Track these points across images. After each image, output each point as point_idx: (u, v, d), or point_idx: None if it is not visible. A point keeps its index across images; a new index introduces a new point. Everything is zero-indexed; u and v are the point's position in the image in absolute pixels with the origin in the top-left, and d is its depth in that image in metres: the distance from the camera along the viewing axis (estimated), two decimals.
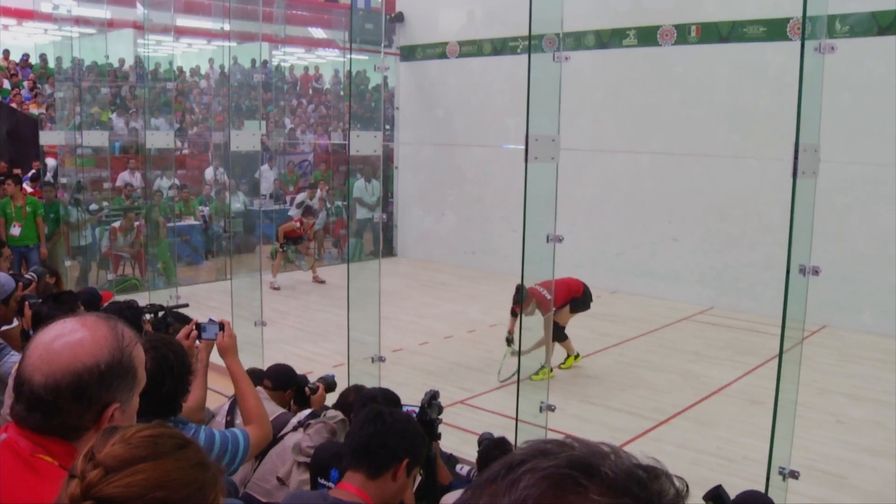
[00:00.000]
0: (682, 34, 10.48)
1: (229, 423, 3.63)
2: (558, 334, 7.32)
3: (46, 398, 1.43)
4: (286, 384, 4.11)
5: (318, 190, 13.69)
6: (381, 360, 5.68)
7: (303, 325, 9.24)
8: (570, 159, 4.74)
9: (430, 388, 3.49)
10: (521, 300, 6.04)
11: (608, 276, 11.24)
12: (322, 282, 11.74)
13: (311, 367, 7.28)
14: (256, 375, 4.26)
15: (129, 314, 3.37)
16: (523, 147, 4.18)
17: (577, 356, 7.69)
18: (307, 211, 12.15)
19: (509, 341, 7.40)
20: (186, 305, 3.84)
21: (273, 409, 3.85)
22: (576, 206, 10.90)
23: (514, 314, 7.34)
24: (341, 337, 6.06)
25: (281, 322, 9.08)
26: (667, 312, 9.97)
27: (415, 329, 9.09)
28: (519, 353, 5.49)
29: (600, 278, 11.31)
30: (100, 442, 1.20)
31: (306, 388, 4.18)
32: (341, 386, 4.81)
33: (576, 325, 9.21)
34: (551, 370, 7.29)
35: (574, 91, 10.39)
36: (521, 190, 4.32)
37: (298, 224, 11.91)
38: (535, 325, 6.53)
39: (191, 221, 12.89)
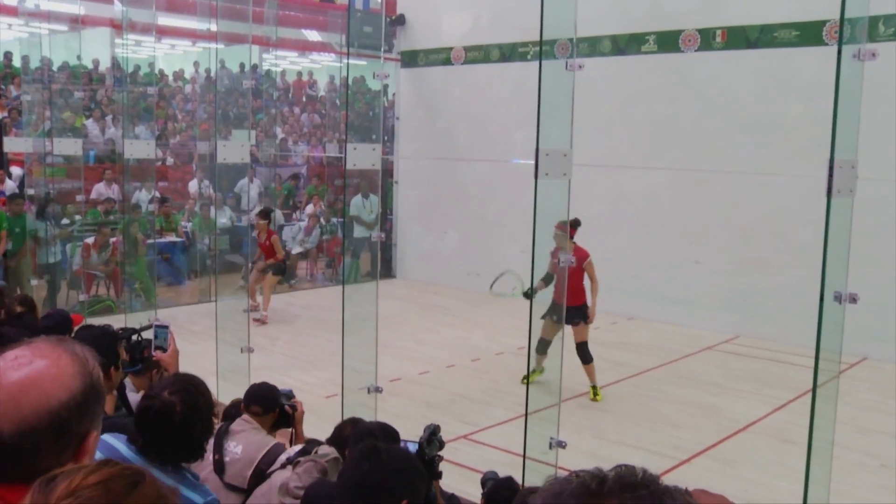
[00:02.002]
0: (706, 39, 10.54)
1: (218, 462, 3.61)
2: (540, 346, 7.29)
3: (22, 446, 1.36)
4: (274, 404, 4.10)
5: (311, 206, 13.76)
6: (378, 390, 5.66)
7: (293, 351, 9.22)
8: (580, 175, 4.75)
9: (430, 421, 3.47)
10: (532, 293, 5.95)
11: (623, 300, 11.22)
12: (262, 322, 10.51)
13: (301, 397, 7.23)
14: (234, 406, 4.23)
15: (105, 342, 3.30)
16: (533, 162, 4.18)
17: (541, 371, 7.57)
18: (263, 213, 11.15)
19: (528, 295, 6.76)
20: (149, 327, 3.81)
21: (263, 441, 3.83)
22: (587, 226, 10.87)
23: (546, 280, 6.68)
24: (335, 365, 6.05)
25: (269, 348, 9.06)
26: (687, 341, 9.94)
27: (414, 357, 9.07)
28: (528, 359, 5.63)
29: (615, 303, 11.29)
30: (39, 496, 1.12)
31: (286, 407, 4.16)
32: (335, 418, 4.78)
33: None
34: (596, 393, 7.60)
35: (586, 101, 10.44)
36: (529, 207, 4.32)
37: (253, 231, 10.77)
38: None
39: (172, 238, 12.93)
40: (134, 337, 3.94)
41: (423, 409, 7.25)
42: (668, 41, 10.84)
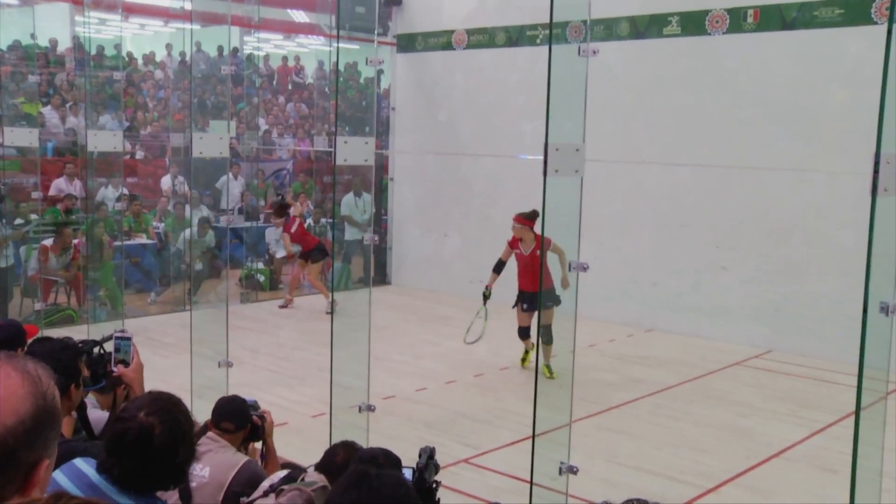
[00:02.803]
0: (737, 20, 10.54)
1: (183, 491, 3.58)
2: (521, 333, 8.35)
3: None
4: (246, 419, 4.09)
5: (298, 205, 13.73)
6: (370, 409, 5.65)
7: (277, 366, 9.21)
8: (596, 172, 4.74)
9: (427, 443, 3.45)
10: (488, 293, 8.81)
11: (642, 310, 11.23)
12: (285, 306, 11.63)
13: (286, 416, 7.25)
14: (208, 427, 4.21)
15: (65, 356, 3.25)
16: (542, 157, 4.18)
17: (532, 348, 8.50)
18: (278, 210, 12.21)
19: (486, 297, 8.74)
20: (110, 338, 3.77)
21: (233, 459, 3.80)
22: (603, 228, 10.91)
23: (496, 270, 9.03)
24: (323, 381, 6.03)
25: (250, 362, 9.06)
26: (714, 355, 9.94)
27: (411, 372, 9.06)
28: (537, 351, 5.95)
29: (632, 313, 11.33)
30: None
31: (254, 417, 4.15)
32: (322, 440, 4.76)
33: (603, 369, 9.19)
34: (551, 372, 8.12)
35: (601, 90, 10.46)
36: (538, 207, 4.31)
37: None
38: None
39: (142, 240, 12.93)
40: (96, 350, 3.91)
41: (420, 429, 7.24)
42: (694, 22, 10.84)
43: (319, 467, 3.76)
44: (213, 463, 3.69)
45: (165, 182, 14.57)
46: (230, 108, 10.85)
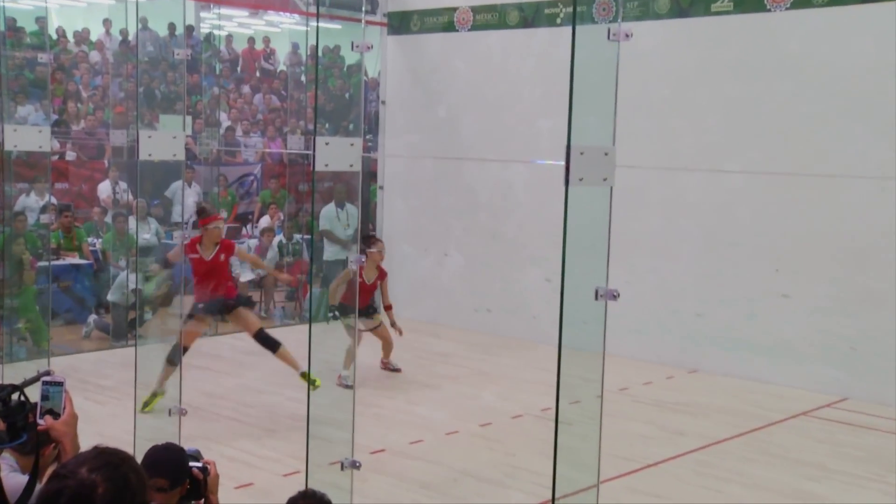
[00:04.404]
0: None
1: None
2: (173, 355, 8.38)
3: None
4: (184, 473, 4.08)
5: (267, 217, 13.83)
6: (355, 465, 5.68)
7: (241, 413, 9.22)
8: (628, 180, 4.79)
9: None
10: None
11: (683, 347, 11.22)
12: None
13: (251, 475, 7.29)
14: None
15: None
16: (562, 163, 4.24)
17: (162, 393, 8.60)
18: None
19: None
20: (36, 380, 3.76)
21: None
22: (637, 248, 10.95)
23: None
24: (297, 432, 6.07)
25: (209, 409, 9.08)
26: (773, 403, 9.94)
27: (404, 421, 9.07)
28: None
29: (672, 350, 11.33)
30: None
31: (194, 470, 4.15)
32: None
33: (638, 419, 9.20)
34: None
35: (636, 81, 10.55)
36: (558, 223, 4.36)
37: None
38: None
39: (75, 259, 12.94)
40: (15, 396, 3.88)
41: (414, 491, 7.25)
42: None
43: None
44: None
45: (104, 189, 14.58)
46: (185, 100, 10.86)
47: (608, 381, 5.28)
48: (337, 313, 9.78)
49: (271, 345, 9.23)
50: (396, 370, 10.82)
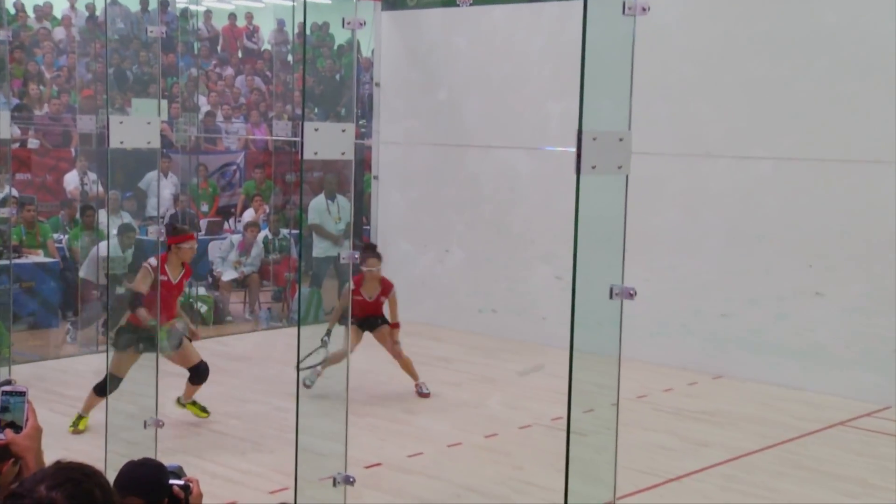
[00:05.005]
0: None
1: None
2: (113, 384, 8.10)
3: None
4: (162, 491, 4.07)
5: (251, 211, 13.81)
6: (349, 481, 5.67)
7: (224, 425, 9.22)
8: (646, 168, 4.76)
9: None
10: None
11: (707, 350, 11.19)
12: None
13: (235, 493, 7.28)
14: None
15: None
16: (574, 150, 4.22)
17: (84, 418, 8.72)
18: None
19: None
20: (6, 383, 3.75)
21: None
22: (655, 242, 10.93)
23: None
24: (285, 445, 6.05)
25: (187, 421, 9.08)
26: (807, 412, 9.90)
27: (402, 432, 9.06)
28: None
29: (695, 354, 11.31)
30: None
31: (174, 488, 4.14)
32: None
33: (658, 429, 9.18)
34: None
35: (654, 59, 10.49)
36: (569, 216, 4.34)
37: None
38: None
39: (39, 258, 12.91)
40: None
41: None
42: None
43: None
44: None
45: (71, 180, 14.55)
46: (159, 82, 10.87)
47: (625, 387, 5.25)
48: (327, 339, 9.54)
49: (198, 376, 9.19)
50: (425, 395, 10.23)
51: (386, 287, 10.25)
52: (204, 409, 9.25)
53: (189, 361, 9.03)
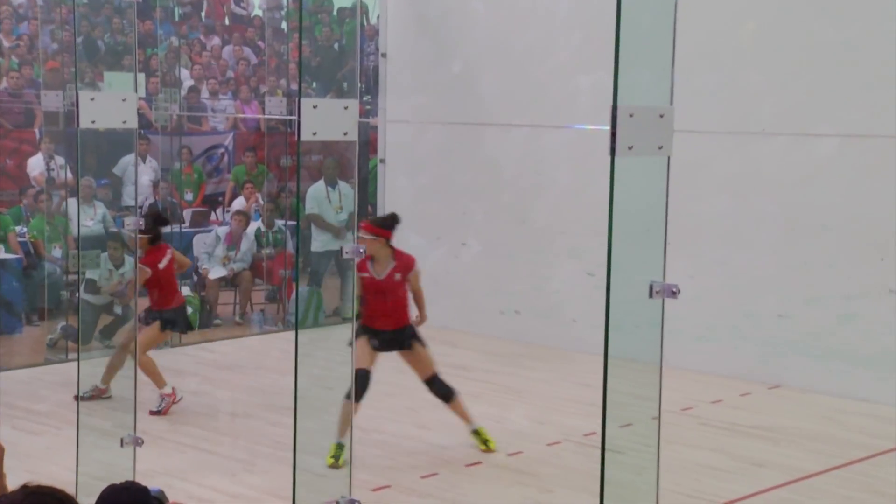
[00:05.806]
0: None
1: None
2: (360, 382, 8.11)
3: None
4: None
5: (241, 199, 13.83)
6: None
7: (211, 442, 9.23)
8: (690, 148, 4.73)
9: None
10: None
11: (762, 357, 11.19)
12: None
13: None
14: None
15: None
16: (607, 128, 4.19)
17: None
18: (153, 219, 10.43)
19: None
20: None
21: None
22: (701, 233, 10.93)
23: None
24: (281, 464, 6.05)
25: (171, 439, 9.09)
26: (878, 428, 9.84)
27: (413, 450, 9.08)
28: None
29: (748, 361, 11.30)
30: None
31: None
32: None
33: (705, 446, 9.15)
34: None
35: (699, 25, 10.47)
36: (602, 204, 4.31)
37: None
38: None
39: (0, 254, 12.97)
40: None
41: None
42: None
43: None
44: None
45: (35, 165, 14.62)
46: (135, 53, 10.83)
47: (667, 399, 5.23)
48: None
49: (445, 394, 9.00)
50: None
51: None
52: None
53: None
